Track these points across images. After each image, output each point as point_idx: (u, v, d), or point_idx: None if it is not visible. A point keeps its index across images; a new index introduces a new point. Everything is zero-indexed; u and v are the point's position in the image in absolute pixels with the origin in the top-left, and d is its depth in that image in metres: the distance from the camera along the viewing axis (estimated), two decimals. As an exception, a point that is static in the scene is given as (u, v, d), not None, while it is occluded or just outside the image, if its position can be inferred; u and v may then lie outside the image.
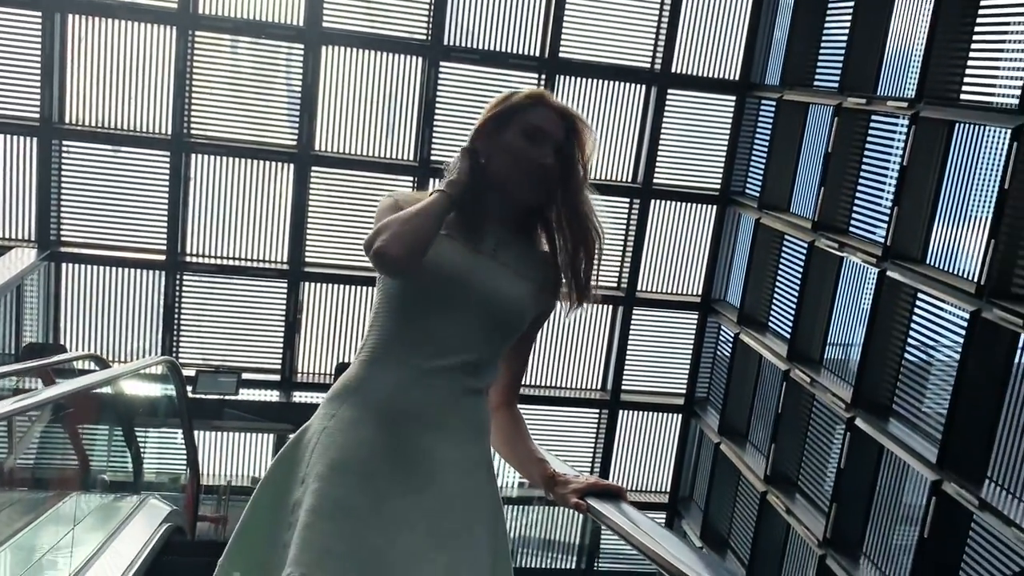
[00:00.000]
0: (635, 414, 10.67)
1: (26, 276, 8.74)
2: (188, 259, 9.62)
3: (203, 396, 9.02)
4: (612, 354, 10.45)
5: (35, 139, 9.04)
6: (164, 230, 9.48)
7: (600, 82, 9.74)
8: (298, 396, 9.85)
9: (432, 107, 9.45)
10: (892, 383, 7.36)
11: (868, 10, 7.89)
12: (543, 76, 9.52)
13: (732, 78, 9.84)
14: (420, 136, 9.56)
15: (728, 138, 9.97)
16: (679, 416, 10.70)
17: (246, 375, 9.68)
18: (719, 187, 10.10)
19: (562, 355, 10.46)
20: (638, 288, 10.24)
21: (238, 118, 9.49)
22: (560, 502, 1.90)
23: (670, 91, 9.78)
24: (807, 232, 8.38)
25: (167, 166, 9.33)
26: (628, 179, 10.05)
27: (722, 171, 10.06)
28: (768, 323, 9.35)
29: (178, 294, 9.68)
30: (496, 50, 9.47)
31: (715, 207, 10.16)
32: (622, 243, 10.17)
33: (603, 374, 10.60)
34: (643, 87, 9.81)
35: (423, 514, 1.76)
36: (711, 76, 9.85)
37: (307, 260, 9.76)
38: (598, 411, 10.62)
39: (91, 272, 9.52)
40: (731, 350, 9.83)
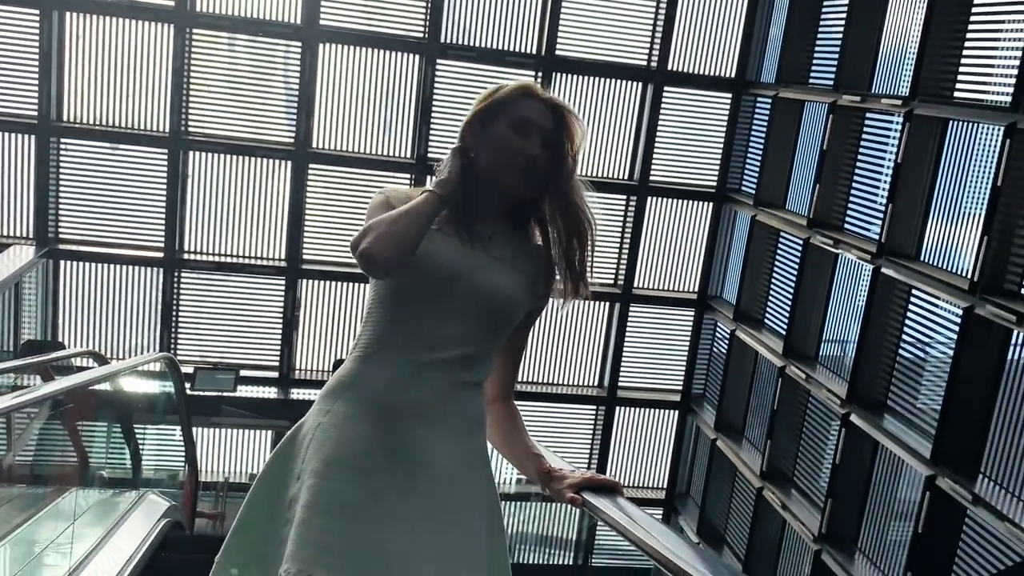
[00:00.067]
0: (632, 411, 10.71)
1: (24, 273, 8.75)
2: (186, 256, 9.65)
3: (201, 393, 9.06)
4: (609, 351, 10.48)
5: (33, 137, 9.06)
6: (162, 227, 9.50)
7: (597, 80, 9.77)
8: (296, 393, 9.87)
9: (429, 104, 9.48)
10: (887, 379, 7.39)
11: (863, 8, 7.92)
12: (540, 73, 9.54)
13: (728, 76, 9.87)
14: (417, 133, 9.58)
15: (724, 135, 10.00)
16: (676, 412, 10.74)
17: (244, 372, 9.72)
18: (715, 184, 10.13)
19: (559, 352, 10.50)
20: (635, 285, 10.26)
21: (236, 116, 9.51)
22: (556, 497, 1.89)
23: (666, 88, 9.81)
24: (802, 229, 8.41)
25: (165, 164, 9.35)
26: (625, 176, 10.08)
27: (718, 168, 10.09)
28: (764, 320, 9.38)
29: (176, 291, 9.70)
30: (493, 48, 9.49)
31: (711, 204, 10.19)
32: (619, 240, 10.20)
33: (600, 371, 10.63)
34: (640, 85, 9.84)
35: (419, 508, 1.76)
36: (707, 74, 9.87)
37: (305, 257, 9.79)
38: (595, 408, 10.65)
39: (89, 269, 9.54)
40: (727, 347, 9.86)
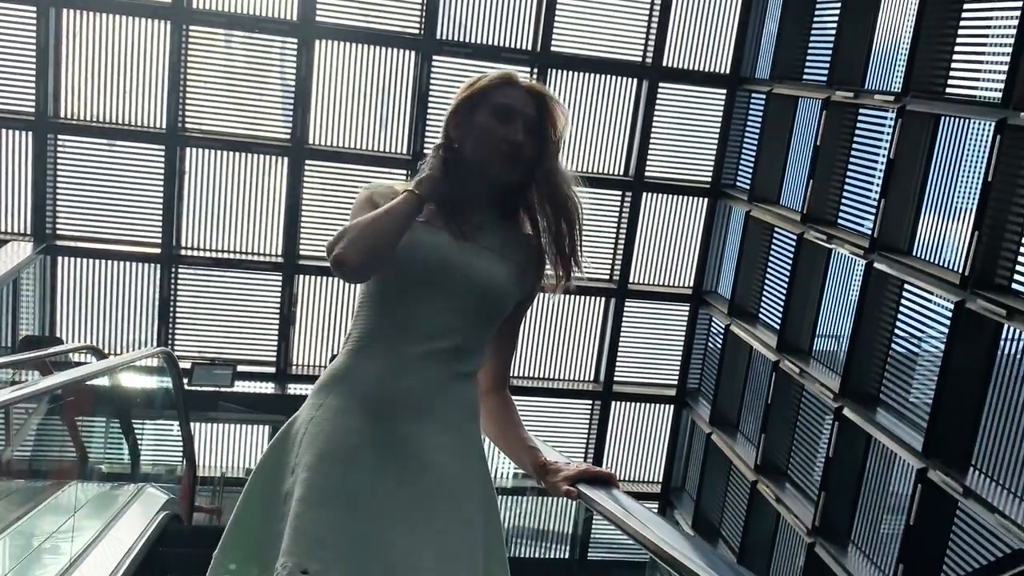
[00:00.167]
0: (627, 405, 10.76)
1: (22, 270, 8.78)
2: (183, 252, 9.67)
3: (199, 388, 9.09)
4: (604, 346, 10.53)
5: (30, 133, 9.08)
6: (159, 224, 9.53)
7: (592, 76, 9.80)
8: (293, 388, 9.91)
9: (425, 101, 9.51)
10: (879, 373, 7.44)
11: (856, 5, 7.96)
12: (535, 69, 9.57)
13: (723, 72, 9.90)
14: (413, 129, 9.62)
15: (719, 131, 10.04)
16: (671, 407, 10.79)
17: (241, 367, 9.75)
18: (710, 180, 10.17)
19: (555, 347, 10.54)
20: (630, 280, 10.31)
21: (232, 112, 9.53)
22: (551, 490, 1.89)
23: (661, 85, 9.85)
24: (796, 224, 8.46)
25: (162, 160, 9.37)
26: (620, 172, 10.12)
27: (713, 164, 10.13)
28: (758, 315, 9.43)
29: (173, 287, 9.73)
30: (488, 44, 9.52)
31: (706, 200, 10.23)
32: (614, 235, 10.25)
33: (595, 366, 10.67)
34: (635, 81, 9.88)
35: (413, 500, 1.76)
36: (702, 70, 9.91)
37: (301, 253, 9.82)
38: (591, 402, 10.70)
39: (87, 265, 9.57)
40: (722, 341, 9.91)
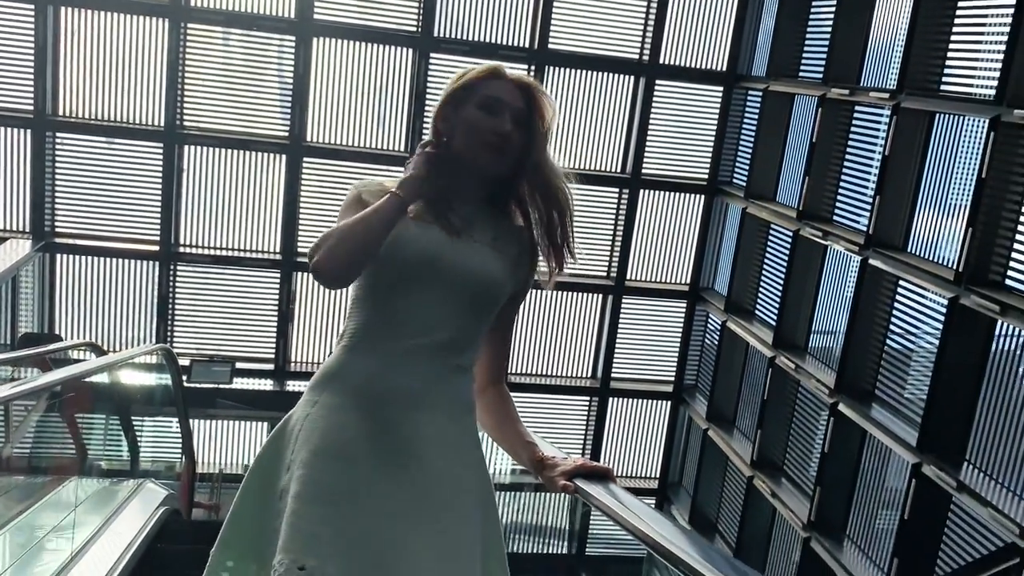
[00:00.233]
0: (625, 401, 10.80)
1: (21, 267, 8.80)
2: (182, 250, 9.70)
3: (197, 385, 9.12)
4: (602, 342, 10.56)
5: (29, 131, 9.09)
6: (158, 221, 9.55)
7: (589, 73, 9.82)
8: (291, 385, 9.94)
9: (423, 98, 9.53)
10: (875, 369, 7.47)
11: (852, 3, 7.99)
12: (532, 67, 9.59)
13: (719, 69, 9.93)
14: (411, 127, 9.64)
15: (715, 128, 10.07)
16: (668, 403, 10.83)
17: (240, 364, 9.79)
18: (707, 177, 10.21)
19: (553, 343, 10.58)
20: (627, 277, 10.34)
21: (230, 110, 9.55)
22: (548, 484, 1.89)
23: (658, 82, 9.88)
24: (792, 221, 8.49)
25: (160, 158, 9.38)
26: (617, 169, 10.15)
27: (710, 161, 10.16)
28: (754, 311, 9.47)
29: (172, 284, 9.76)
30: (486, 41, 9.54)
31: (703, 197, 10.27)
32: (611, 233, 10.28)
33: (593, 362, 10.71)
34: (632, 78, 9.90)
35: (409, 494, 1.77)
36: (699, 67, 9.94)
37: (299, 250, 9.83)
38: (588, 399, 10.74)
39: (85, 263, 9.59)
40: (718, 338, 9.95)
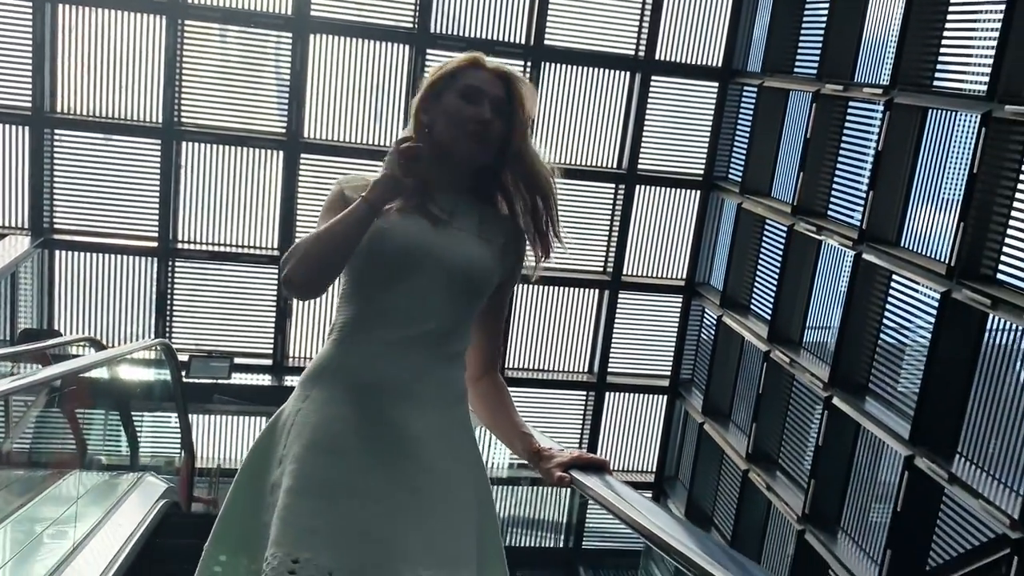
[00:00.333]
0: (621, 396, 10.84)
1: (20, 263, 8.84)
2: (180, 246, 9.74)
3: (196, 381, 9.16)
4: (598, 337, 10.60)
5: (27, 128, 9.12)
6: (156, 217, 9.58)
7: (585, 69, 9.86)
8: (290, 380, 9.96)
9: (420, 94, 9.54)
10: (868, 363, 7.52)
11: (846, -1, 8.05)
12: (529, 63, 9.63)
13: (715, 65, 9.96)
14: (407, 123, 9.65)
15: (711, 124, 10.10)
16: (664, 397, 10.88)
17: (238, 360, 9.84)
18: (702, 172, 10.24)
19: (549, 338, 10.62)
20: (623, 272, 10.38)
21: (228, 106, 9.58)
22: (545, 475, 1.90)
23: (654, 78, 9.90)
24: (787, 216, 8.53)
25: (158, 154, 9.41)
26: (613, 165, 10.19)
27: (705, 157, 10.20)
28: (750, 306, 9.51)
29: (170, 280, 9.79)
30: (482, 38, 9.55)
31: (699, 192, 10.30)
32: (608, 228, 10.33)
33: (590, 357, 10.75)
34: (627, 74, 9.94)
35: (402, 485, 1.77)
36: (694, 63, 9.97)
37: (297, 246, 9.86)
38: (585, 393, 10.78)
39: (84, 259, 9.62)
40: (714, 332, 9.99)
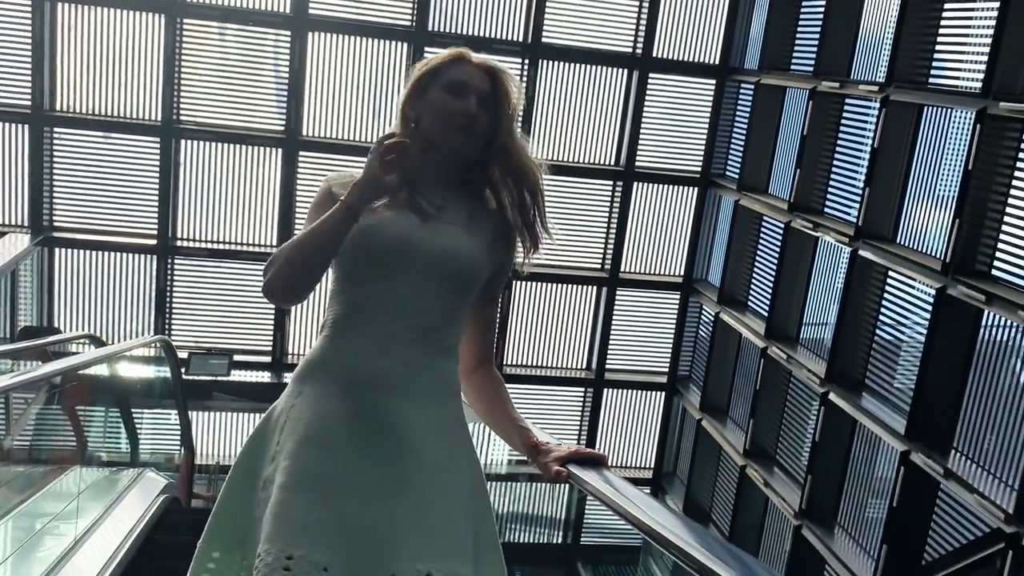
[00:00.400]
0: (619, 392, 10.88)
1: (20, 261, 8.87)
2: (179, 243, 9.76)
3: (195, 378, 9.18)
4: (596, 334, 10.63)
5: (27, 126, 9.14)
6: (155, 215, 9.61)
7: (583, 67, 9.88)
8: (288, 377, 9.91)
9: (418, 92, 9.56)
10: (864, 359, 7.55)
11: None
12: (526, 61, 9.65)
13: (712, 62, 9.99)
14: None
15: (708, 121, 10.13)
16: (662, 394, 10.92)
17: (237, 357, 9.86)
18: (700, 169, 10.27)
19: (548, 335, 10.65)
20: (621, 269, 10.41)
21: (227, 104, 9.61)
22: (542, 470, 1.90)
23: (651, 75, 9.93)
24: (784, 213, 8.56)
25: (157, 152, 9.44)
26: (611, 162, 10.22)
27: (703, 154, 10.23)
28: (747, 302, 9.55)
29: (170, 278, 9.81)
30: (480, 35, 9.57)
31: (696, 189, 10.33)
32: (605, 225, 10.36)
33: (588, 354, 10.78)
34: (625, 71, 9.96)
35: (395, 479, 1.77)
36: (691, 60, 9.99)
37: (296, 244, 9.88)
38: (583, 390, 10.82)
39: (84, 257, 9.65)
40: (712, 329, 10.02)
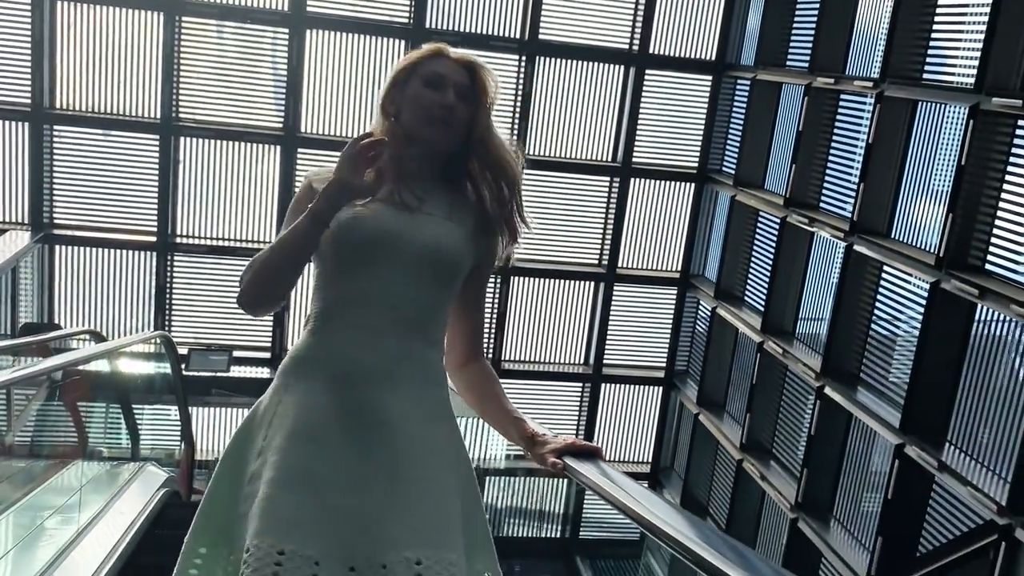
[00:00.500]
0: (617, 387, 10.92)
1: (21, 258, 8.91)
2: (179, 240, 9.80)
3: (195, 374, 9.23)
4: (594, 329, 10.67)
5: (27, 124, 9.18)
6: (155, 212, 9.65)
7: (580, 63, 9.91)
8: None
9: (415, 89, 9.59)
10: (860, 353, 7.60)
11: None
12: (523, 58, 9.68)
13: (708, 59, 10.02)
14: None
15: (705, 117, 10.17)
16: (659, 388, 10.96)
17: (237, 352, 9.91)
18: (696, 165, 10.31)
19: (545, 331, 10.69)
20: (619, 264, 10.46)
21: (225, 102, 9.64)
22: (538, 461, 1.91)
23: (648, 72, 9.96)
24: (780, 208, 8.60)
25: (157, 149, 9.48)
26: (608, 158, 10.26)
27: (699, 150, 10.27)
28: (743, 297, 9.60)
29: (169, 274, 9.86)
30: (477, 32, 9.61)
31: (693, 185, 10.37)
32: (603, 221, 10.40)
33: (585, 349, 10.83)
34: (622, 68, 9.99)
35: (383, 471, 1.78)
36: (688, 57, 10.03)
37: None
38: (581, 385, 10.86)
39: (84, 254, 9.69)
40: (708, 324, 10.07)
